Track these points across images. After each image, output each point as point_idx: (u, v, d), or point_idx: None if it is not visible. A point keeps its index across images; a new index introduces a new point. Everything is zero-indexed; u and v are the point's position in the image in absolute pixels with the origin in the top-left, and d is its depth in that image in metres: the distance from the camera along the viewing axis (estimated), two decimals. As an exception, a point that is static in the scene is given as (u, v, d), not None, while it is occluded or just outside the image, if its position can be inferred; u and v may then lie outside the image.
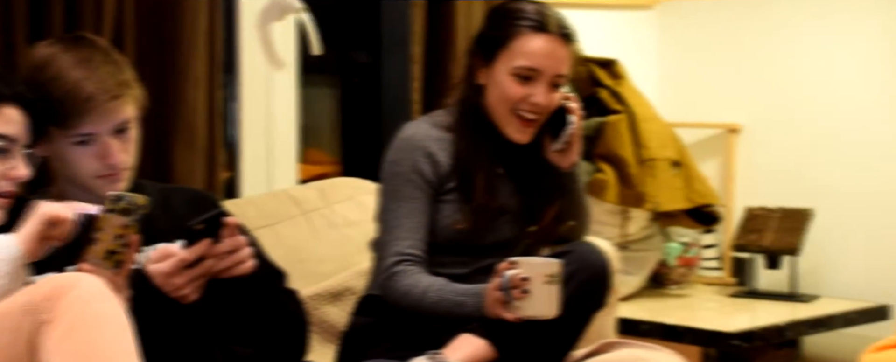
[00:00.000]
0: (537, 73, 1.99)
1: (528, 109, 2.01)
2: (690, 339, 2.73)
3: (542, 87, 2.00)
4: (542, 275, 1.86)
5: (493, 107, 2.03)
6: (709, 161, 3.32)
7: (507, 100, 2.01)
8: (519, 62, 1.99)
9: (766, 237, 3.05)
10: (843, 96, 3.11)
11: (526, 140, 2.04)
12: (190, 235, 1.64)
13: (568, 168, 2.09)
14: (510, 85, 2.00)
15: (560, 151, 2.07)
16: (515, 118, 2.01)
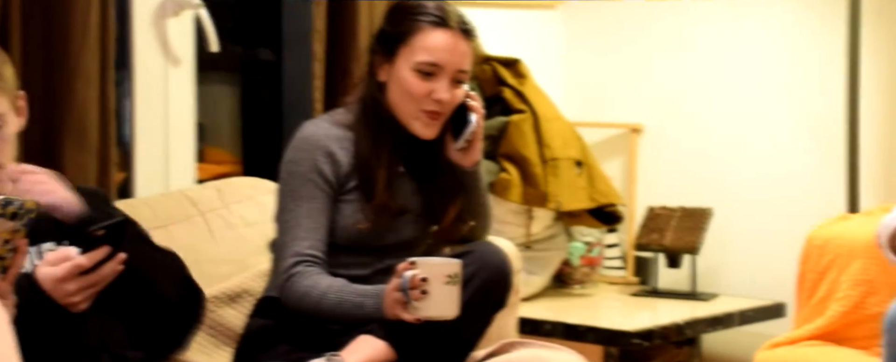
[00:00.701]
0: (439, 68, 2.00)
1: (431, 106, 2.02)
2: (592, 338, 2.77)
3: (444, 83, 2.01)
4: (441, 276, 1.87)
5: (396, 104, 2.03)
6: (611, 160, 3.38)
7: (411, 96, 2.01)
8: (420, 57, 2.00)
9: (666, 236, 3.11)
10: (743, 97, 3.19)
11: (432, 135, 2.05)
12: (88, 241, 1.60)
13: (470, 167, 2.11)
14: (413, 81, 2.01)
15: (462, 150, 2.09)
16: (420, 114, 2.02)
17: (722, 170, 3.22)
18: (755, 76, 3.17)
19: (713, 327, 2.92)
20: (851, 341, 2.41)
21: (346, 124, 2.08)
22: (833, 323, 2.44)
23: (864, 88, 2.86)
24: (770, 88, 3.14)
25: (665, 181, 3.31)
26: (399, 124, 2.05)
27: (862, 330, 2.38)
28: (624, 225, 3.25)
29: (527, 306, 2.96)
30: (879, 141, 2.94)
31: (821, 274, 2.52)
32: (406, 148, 2.08)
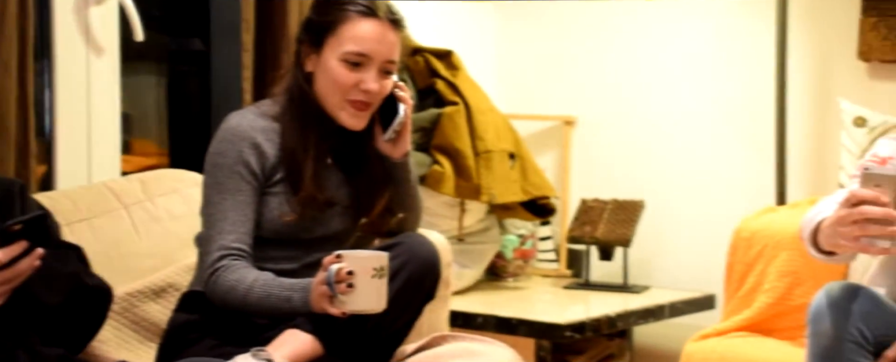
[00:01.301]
0: (367, 58, 2.00)
1: (360, 96, 2.01)
2: (525, 331, 2.79)
3: (373, 73, 2.00)
4: (368, 269, 1.86)
5: (324, 94, 2.03)
6: (545, 153, 3.40)
7: (338, 86, 2.00)
8: (348, 47, 1.99)
9: (599, 229, 3.14)
10: (675, 91, 3.23)
11: (360, 126, 2.04)
12: (4, 237, 1.57)
13: (399, 158, 2.11)
14: (340, 71, 2.00)
15: (391, 141, 2.09)
16: (348, 105, 2.01)
17: (654, 163, 3.26)
18: (687, 70, 3.21)
19: (644, 319, 2.96)
20: (778, 332, 2.46)
21: (272, 115, 2.06)
22: (760, 314, 2.48)
23: (792, 83, 2.92)
24: (701, 82, 3.19)
25: (598, 173, 3.34)
26: (326, 115, 2.04)
27: (788, 320, 2.43)
28: (557, 217, 3.27)
29: (459, 299, 2.97)
30: (806, 134, 3.00)
31: (748, 265, 2.56)
32: (334, 139, 2.07)
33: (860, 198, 1.72)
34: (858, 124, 2.72)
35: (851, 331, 1.93)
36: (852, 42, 2.87)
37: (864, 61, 2.86)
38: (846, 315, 1.93)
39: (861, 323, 1.93)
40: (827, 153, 2.93)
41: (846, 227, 1.73)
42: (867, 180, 1.73)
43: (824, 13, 2.94)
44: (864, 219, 1.71)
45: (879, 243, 1.72)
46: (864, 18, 2.83)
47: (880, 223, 1.70)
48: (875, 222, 1.70)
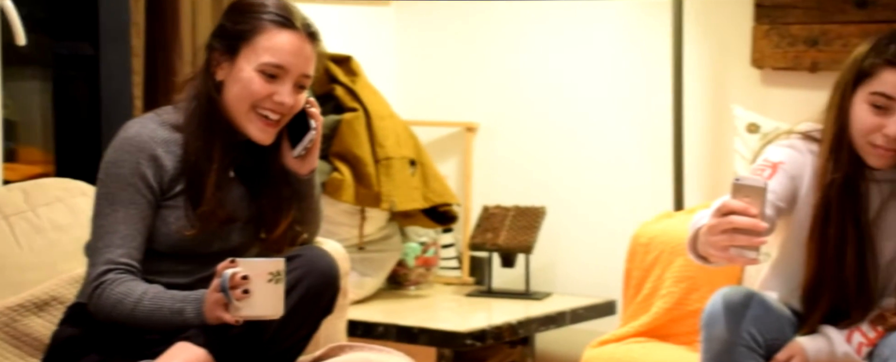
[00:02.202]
0: (284, 70, 1.96)
1: (272, 109, 1.98)
2: (425, 340, 2.79)
3: (287, 87, 1.97)
4: (263, 274, 1.84)
5: (233, 104, 1.99)
6: (446, 159, 3.41)
7: (250, 97, 1.96)
8: (265, 58, 1.96)
9: (501, 236, 3.16)
10: (575, 98, 3.27)
11: (267, 141, 2.01)
12: None
13: (306, 175, 2.08)
14: (255, 82, 1.96)
15: (300, 157, 2.06)
16: (258, 117, 1.98)
17: (555, 170, 3.30)
18: (586, 77, 3.25)
19: (546, 326, 2.98)
20: (675, 337, 2.50)
21: (174, 124, 2.01)
22: (657, 319, 2.53)
23: (688, 90, 2.98)
24: (600, 89, 3.23)
25: (500, 180, 3.36)
26: (233, 127, 2.00)
27: (684, 326, 2.47)
28: (459, 224, 3.29)
29: (360, 308, 2.96)
30: (703, 141, 3.07)
31: (646, 271, 2.60)
32: (238, 152, 2.04)
33: (729, 209, 1.75)
34: (751, 130, 2.79)
35: (743, 336, 1.98)
36: (745, 49, 2.95)
37: (757, 68, 2.94)
38: (738, 319, 1.98)
39: (752, 328, 1.98)
40: (723, 159, 3.00)
41: (716, 237, 1.77)
42: (737, 191, 1.77)
43: (718, 21, 3.01)
44: (732, 228, 1.74)
45: (747, 254, 1.76)
46: (756, 26, 2.91)
47: (748, 234, 1.74)
48: (743, 233, 1.74)
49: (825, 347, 2.01)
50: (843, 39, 2.72)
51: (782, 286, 2.14)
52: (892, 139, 1.95)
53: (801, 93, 2.79)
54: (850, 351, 2.00)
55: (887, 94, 1.95)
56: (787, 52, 2.85)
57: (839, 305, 2.04)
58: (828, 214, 2.02)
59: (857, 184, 2.03)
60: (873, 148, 1.98)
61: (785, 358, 2.00)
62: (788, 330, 2.04)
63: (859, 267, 2.02)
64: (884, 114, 1.96)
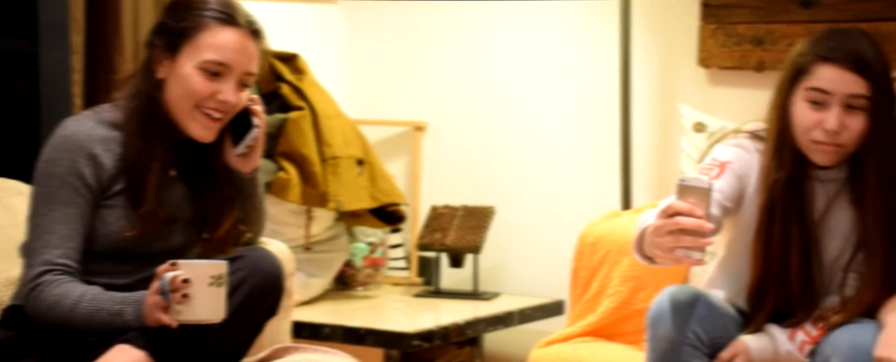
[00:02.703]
0: (227, 68, 1.95)
1: (215, 107, 1.96)
2: (372, 341, 2.78)
3: (231, 84, 1.96)
4: (205, 277, 1.82)
5: (175, 103, 1.97)
6: (394, 159, 3.40)
7: (192, 95, 1.95)
8: (207, 56, 1.94)
9: (449, 236, 3.15)
10: (523, 97, 3.28)
11: (210, 138, 1.99)
12: None
13: (249, 173, 2.07)
14: (197, 80, 1.94)
15: (242, 156, 2.05)
16: (200, 115, 1.96)
17: (504, 169, 3.30)
18: (535, 76, 3.26)
19: (494, 326, 2.98)
20: (621, 336, 2.52)
21: (113, 123, 1.99)
22: (604, 319, 2.54)
23: (636, 90, 3.00)
24: (548, 89, 3.24)
25: (449, 180, 3.36)
26: (174, 125, 1.98)
27: (631, 325, 2.49)
28: (408, 224, 3.28)
29: (306, 310, 2.94)
30: (650, 140, 3.08)
31: (593, 270, 2.61)
32: (180, 151, 2.01)
33: (675, 210, 1.76)
34: (698, 130, 2.81)
35: (688, 335, 1.99)
36: (692, 49, 2.97)
37: (704, 67, 2.97)
38: (684, 319, 1.99)
39: (697, 327, 2.00)
40: (670, 158, 3.02)
41: (662, 238, 1.78)
42: (682, 192, 1.78)
43: (666, 20, 3.03)
44: (678, 229, 1.75)
45: (693, 255, 1.77)
46: (703, 25, 2.93)
47: (694, 235, 1.75)
48: (689, 234, 1.75)
49: (769, 346, 2.03)
50: (789, 39, 2.75)
51: (728, 285, 2.16)
52: (832, 133, 1.97)
53: (748, 92, 2.82)
54: (793, 349, 2.02)
55: (823, 89, 1.98)
56: (734, 51, 2.88)
57: (784, 305, 2.06)
58: (772, 214, 2.04)
59: (802, 183, 2.05)
60: (816, 144, 2.00)
61: (729, 356, 2.02)
62: (733, 328, 2.06)
63: (804, 267, 2.04)
64: (822, 109, 1.98)
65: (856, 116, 1.97)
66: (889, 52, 2.14)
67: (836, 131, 1.97)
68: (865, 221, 2.01)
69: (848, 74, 1.96)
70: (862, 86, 1.96)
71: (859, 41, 1.99)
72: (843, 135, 1.97)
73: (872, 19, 2.62)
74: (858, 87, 1.96)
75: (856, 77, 1.96)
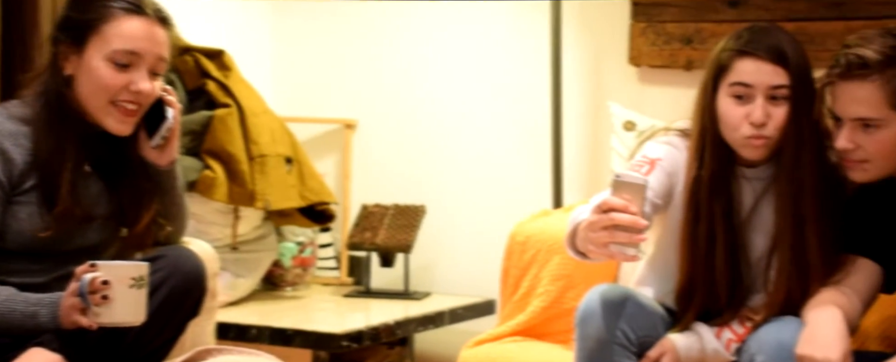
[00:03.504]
0: (137, 57, 1.92)
1: (129, 99, 1.93)
2: (300, 342, 2.75)
3: (142, 73, 1.93)
4: (125, 279, 1.79)
5: (88, 99, 1.93)
6: (324, 157, 3.37)
7: (106, 90, 1.92)
8: (116, 46, 1.91)
9: (380, 235, 3.13)
10: (456, 96, 3.27)
11: (128, 132, 1.96)
12: None
13: (167, 166, 2.03)
14: (107, 72, 1.91)
15: (158, 148, 2.01)
16: (115, 109, 1.93)
17: (435, 167, 3.29)
18: (466, 74, 3.25)
19: (425, 326, 2.97)
20: (551, 336, 2.52)
21: (22, 118, 1.95)
22: (534, 318, 2.53)
23: (567, 88, 3.00)
24: (480, 87, 3.24)
25: (379, 178, 3.34)
26: (87, 120, 1.94)
27: (561, 324, 2.49)
28: (337, 223, 3.25)
29: (233, 310, 2.90)
30: (581, 138, 3.09)
31: (523, 269, 2.61)
32: (93, 144, 1.97)
33: (610, 206, 1.77)
34: (628, 128, 2.83)
35: (616, 334, 2.00)
36: (623, 47, 2.99)
37: (634, 66, 2.98)
38: (612, 317, 2.00)
39: (625, 325, 2.00)
40: (601, 156, 3.03)
41: (596, 233, 1.78)
42: (617, 188, 1.79)
43: (596, 19, 3.04)
44: (613, 225, 1.76)
45: (627, 251, 1.77)
46: (634, 24, 2.95)
47: (628, 231, 1.75)
48: (623, 230, 1.75)
49: (696, 344, 2.04)
50: (717, 38, 2.73)
51: (657, 283, 2.17)
52: (758, 125, 1.99)
53: (677, 90, 2.84)
54: (719, 347, 2.03)
55: (744, 83, 1.99)
56: (663, 50, 2.90)
57: (712, 303, 2.08)
58: (697, 213, 2.05)
59: (728, 182, 2.07)
60: (746, 139, 2.01)
61: (656, 355, 2.03)
62: (661, 327, 2.07)
63: (730, 265, 2.05)
64: (746, 103, 2.00)
65: (779, 107, 1.99)
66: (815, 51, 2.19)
67: (763, 122, 1.98)
68: (783, 214, 2.03)
69: (768, 66, 1.98)
70: (782, 76, 1.98)
71: (777, 34, 2.01)
72: (769, 126, 1.99)
73: (798, 19, 2.66)
74: (779, 78, 1.98)
75: (776, 68, 1.98)
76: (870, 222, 2.02)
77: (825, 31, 2.62)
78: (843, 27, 2.57)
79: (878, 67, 1.87)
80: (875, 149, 1.91)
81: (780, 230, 2.02)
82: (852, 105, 1.91)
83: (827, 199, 2.02)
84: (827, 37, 2.60)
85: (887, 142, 1.90)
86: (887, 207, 2.00)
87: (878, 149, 1.91)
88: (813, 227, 2.00)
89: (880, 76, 1.87)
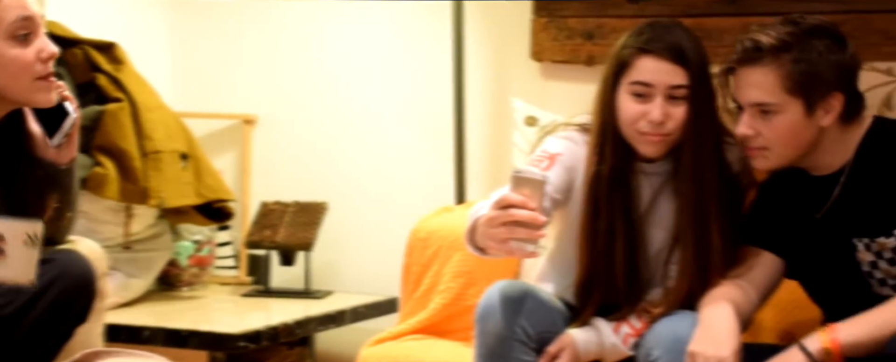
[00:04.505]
0: (31, 22, 1.86)
1: (44, 68, 1.87)
2: (196, 344, 2.70)
3: (44, 38, 1.88)
4: (21, 235, 1.75)
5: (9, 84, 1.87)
6: (222, 153, 3.31)
7: (25, 69, 1.86)
8: (11, 18, 1.84)
9: (280, 232, 3.09)
10: (358, 91, 3.23)
11: (52, 101, 1.90)
12: None
13: (67, 164, 1.98)
14: (13, 51, 1.85)
15: (58, 146, 1.95)
16: (39, 81, 1.87)
17: (337, 164, 3.25)
18: (368, 70, 3.22)
19: (326, 325, 2.94)
20: (453, 333, 2.50)
21: None
22: (435, 315, 2.52)
23: (469, 84, 2.99)
24: (382, 83, 3.21)
25: (280, 175, 3.29)
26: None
27: (462, 321, 2.47)
28: (236, 221, 3.20)
29: (125, 311, 2.84)
30: (484, 134, 3.09)
31: (425, 266, 2.59)
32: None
33: (509, 202, 1.76)
34: (530, 123, 2.83)
35: (516, 330, 1.99)
36: (525, 42, 2.99)
37: (536, 61, 2.99)
38: (512, 314, 1.99)
39: (525, 321, 2.00)
40: (504, 152, 3.02)
41: (495, 230, 1.77)
42: (516, 183, 1.78)
43: (498, 14, 3.04)
44: (512, 222, 1.75)
45: (526, 247, 1.77)
46: (535, 19, 2.95)
47: (527, 227, 1.75)
48: (522, 226, 1.75)
49: (594, 338, 2.05)
50: (618, 33, 2.72)
51: (557, 278, 2.17)
52: (657, 124, 2.00)
53: (579, 86, 2.84)
54: (617, 342, 2.04)
55: (644, 82, 2.01)
56: (565, 45, 2.91)
57: (611, 298, 2.09)
58: (597, 208, 2.05)
59: (627, 177, 2.08)
60: (642, 135, 2.03)
61: (555, 350, 2.03)
62: (561, 322, 2.07)
63: (628, 260, 2.07)
64: (646, 101, 2.01)
65: (678, 106, 2.00)
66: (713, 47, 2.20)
67: (661, 121, 1.99)
68: (685, 212, 2.05)
69: (668, 65, 1.99)
70: (682, 76, 1.99)
71: (678, 33, 2.02)
72: (668, 124, 2.01)
73: (697, 14, 2.69)
74: (678, 78, 1.99)
75: (676, 68, 1.99)
76: (772, 214, 2.04)
77: (722, 27, 2.65)
78: (740, 23, 2.60)
79: (772, 51, 1.89)
80: (774, 136, 1.92)
81: (683, 227, 2.04)
82: (749, 90, 1.92)
83: (726, 195, 2.04)
84: (724, 32, 2.63)
85: (784, 128, 1.92)
86: (789, 198, 2.03)
87: (777, 136, 1.92)
88: (715, 224, 2.02)
89: (774, 60, 1.89)
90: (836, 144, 1.95)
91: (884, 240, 1.92)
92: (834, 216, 1.97)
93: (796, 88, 1.89)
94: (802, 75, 1.89)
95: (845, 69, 1.93)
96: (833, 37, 1.93)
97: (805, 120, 1.91)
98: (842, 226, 1.96)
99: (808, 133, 1.93)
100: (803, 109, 1.91)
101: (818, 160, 1.97)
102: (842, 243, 1.96)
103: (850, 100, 1.94)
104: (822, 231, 1.98)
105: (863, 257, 1.94)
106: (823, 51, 1.90)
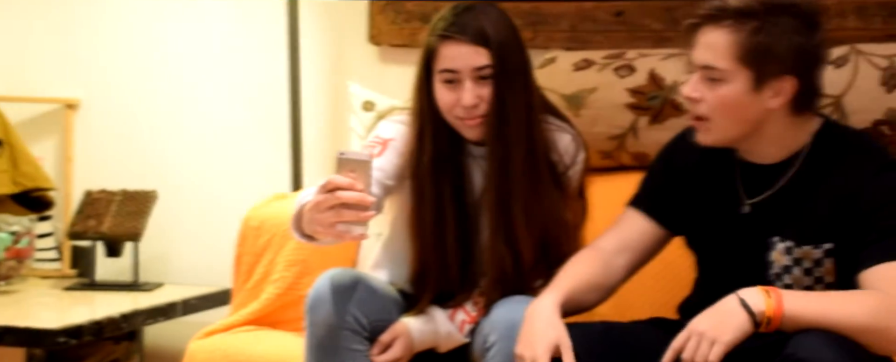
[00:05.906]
0: None
1: None
2: (12, 340, 2.58)
3: None
4: None
5: None
6: (42, 140, 3.18)
7: None
8: None
9: (105, 222, 2.97)
10: (187, 74, 3.14)
11: None
12: None
13: None
14: None
15: None
16: None
17: (167, 151, 3.16)
18: (199, 53, 3.13)
19: (155, 319, 2.84)
20: (286, 323, 2.44)
21: None
22: (268, 306, 2.45)
23: (306, 68, 2.94)
24: (214, 67, 3.12)
25: (105, 162, 3.17)
26: None
27: (295, 311, 2.41)
28: (58, 211, 3.08)
29: (-67, 308, 2.67)
30: (321, 119, 3.04)
31: (257, 256, 2.52)
32: None
33: (335, 185, 1.72)
34: (367, 108, 2.79)
35: (347, 319, 1.95)
36: (363, 26, 2.95)
37: (374, 45, 2.95)
38: (343, 302, 1.95)
39: (356, 310, 1.96)
40: (342, 138, 2.98)
41: (322, 214, 1.73)
42: (342, 166, 1.74)
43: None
44: (339, 204, 1.71)
45: (354, 230, 1.73)
46: (372, 2, 2.91)
47: (355, 208, 1.71)
48: (350, 208, 1.71)
49: (429, 327, 2.03)
50: (456, 17, 2.77)
51: (392, 266, 2.14)
52: (470, 108, 1.99)
53: (416, 70, 2.82)
54: (453, 329, 2.03)
55: (450, 69, 2.00)
56: (403, 28, 2.88)
57: (446, 285, 2.07)
58: (422, 196, 2.03)
59: (457, 162, 2.06)
60: (461, 121, 2.02)
61: (388, 339, 2.00)
62: (395, 311, 2.04)
63: (462, 248, 2.05)
64: (457, 87, 2.00)
65: (488, 86, 1.99)
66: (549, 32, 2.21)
67: (474, 104, 1.99)
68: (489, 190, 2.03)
69: (468, 48, 1.98)
70: (484, 56, 1.98)
71: (478, 14, 1.99)
72: (481, 106, 2.00)
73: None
74: (481, 59, 1.98)
75: (477, 48, 1.98)
76: (681, 189, 1.98)
77: (558, 12, 2.66)
78: (576, 8, 2.62)
79: (735, 15, 1.81)
80: (716, 104, 1.84)
81: (488, 206, 2.03)
82: (702, 50, 1.84)
83: (536, 173, 2.01)
84: (560, 17, 2.64)
85: (728, 99, 1.83)
86: (714, 178, 1.96)
87: (718, 105, 1.84)
88: (518, 205, 2.00)
89: (734, 24, 1.81)
90: (782, 133, 1.87)
91: (810, 249, 1.85)
92: (763, 208, 1.90)
93: (748, 59, 1.81)
94: (758, 46, 1.80)
95: (806, 55, 1.83)
96: (806, 20, 1.83)
97: (750, 95, 1.82)
98: (767, 220, 1.89)
99: (752, 111, 1.84)
100: (751, 83, 1.82)
101: (760, 146, 1.89)
102: (759, 238, 1.89)
103: (805, 89, 1.85)
104: (744, 219, 1.91)
105: (777, 258, 1.87)
106: (788, 30, 1.81)
